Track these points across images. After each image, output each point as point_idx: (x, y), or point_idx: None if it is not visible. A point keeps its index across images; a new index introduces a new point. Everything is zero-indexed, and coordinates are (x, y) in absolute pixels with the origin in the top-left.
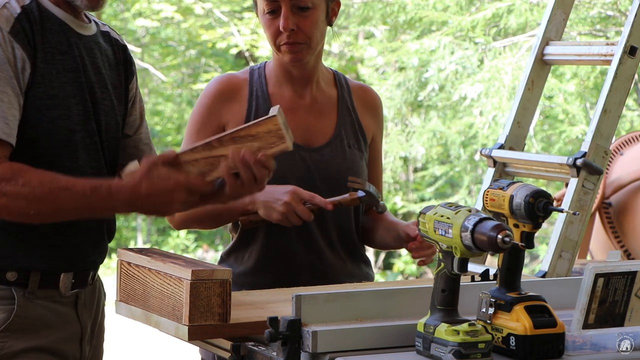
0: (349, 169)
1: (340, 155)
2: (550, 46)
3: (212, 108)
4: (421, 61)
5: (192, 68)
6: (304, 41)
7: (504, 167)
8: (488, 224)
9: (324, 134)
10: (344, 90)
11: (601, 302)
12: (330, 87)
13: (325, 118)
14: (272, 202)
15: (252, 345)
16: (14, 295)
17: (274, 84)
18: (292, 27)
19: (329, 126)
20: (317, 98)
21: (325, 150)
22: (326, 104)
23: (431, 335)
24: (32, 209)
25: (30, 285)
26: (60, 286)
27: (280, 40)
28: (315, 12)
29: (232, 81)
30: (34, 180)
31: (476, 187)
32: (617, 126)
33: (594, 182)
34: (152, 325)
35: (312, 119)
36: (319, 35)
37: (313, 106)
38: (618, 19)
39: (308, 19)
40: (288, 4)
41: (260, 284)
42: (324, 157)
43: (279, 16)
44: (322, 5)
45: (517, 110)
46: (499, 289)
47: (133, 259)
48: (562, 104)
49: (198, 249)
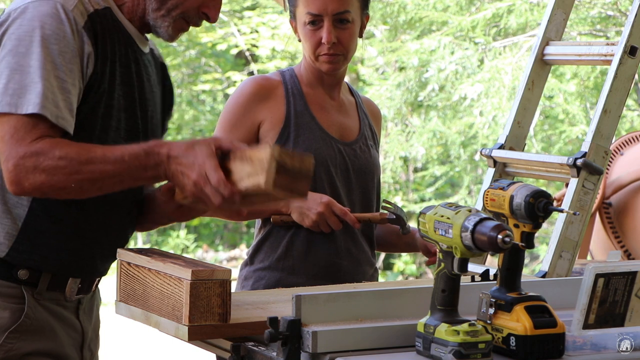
0: (374, 165)
1: (367, 152)
2: (550, 46)
3: (248, 107)
4: (421, 61)
5: (192, 68)
6: (342, 53)
7: (504, 167)
8: (488, 224)
9: (352, 132)
10: (357, 97)
11: (601, 303)
12: (348, 93)
13: (350, 118)
14: (306, 209)
15: (252, 345)
16: (24, 295)
17: (306, 84)
18: (334, 40)
19: (354, 126)
20: (343, 100)
21: (355, 146)
22: (349, 106)
23: (431, 335)
24: (72, 181)
25: (39, 286)
26: (67, 290)
27: (320, 51)
28: (353, 26)
29: (267, 81)
30: (71, 152)
31: (476, 187)
32: (617, 126)
33: (594, 182)
34: (152, 325)
35: (342, 118)
36: (354, 48)
37: (341, 107)
38: (618, 19)
39: (347, 32)
40: (331, 18)
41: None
42: (356, 152)
43: (320, 28)
44: (358, 19)
45: (517, 110)
46: (499, 289)
47: (133, 259)
48: (562, 104)
49: (198, 249)
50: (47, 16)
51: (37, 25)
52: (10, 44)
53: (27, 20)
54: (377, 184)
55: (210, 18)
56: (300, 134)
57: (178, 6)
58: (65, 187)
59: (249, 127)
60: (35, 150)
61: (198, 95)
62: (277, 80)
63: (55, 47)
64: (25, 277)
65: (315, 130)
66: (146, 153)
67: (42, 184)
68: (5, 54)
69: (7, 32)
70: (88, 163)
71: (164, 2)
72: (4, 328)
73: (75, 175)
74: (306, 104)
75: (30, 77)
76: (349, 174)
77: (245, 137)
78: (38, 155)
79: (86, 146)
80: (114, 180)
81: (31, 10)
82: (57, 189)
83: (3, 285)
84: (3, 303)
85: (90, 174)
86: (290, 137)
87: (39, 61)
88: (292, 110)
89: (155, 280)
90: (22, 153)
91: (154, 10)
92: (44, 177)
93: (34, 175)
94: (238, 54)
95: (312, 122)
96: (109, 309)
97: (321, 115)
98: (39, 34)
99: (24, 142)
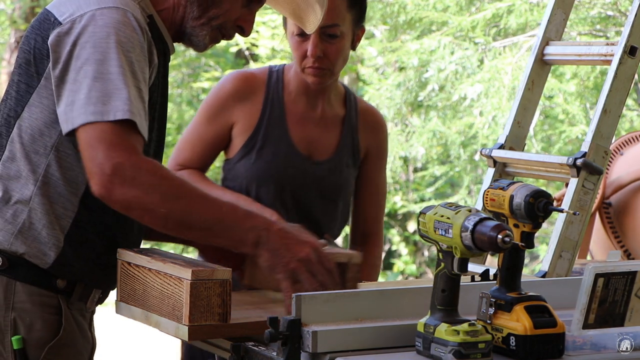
0: (343, 186)
1: (337, 173)
2: (550, 46)
3: (225, 104)
4: (421, 61)
5: (192, 68)
6: (328, 67)
7: (504, 167)
8: (488, 224)
9: (327, 149)
10: (352, 110)
11: (601, 302)
12: (339, 105)
13: (330, 133)
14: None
15: (252, 345)
16: (60, 305)
17: (290, 92)
18: (319, 54)
19: (332, 142)
20: (327, 112)
21: (325, 166)
22: (333, 119)
23: (431, 335)
24: (165, 207)
25: (73, 296)
26: (89, 301)
27: (305, 64)
28: (342, 41)
29: (250, 81)
30: (174, 178)
31: (476, 187)
32: (617, 126)
33: (594, 182)
34: (152, 325)
35: (319, 132)
36: (342, 62)
37: (321, 119)
38: (618, 19)
39: (334, 46)
40: (318, 31)
41: None
42: (324, 172)
43: (307, 40)
44: (349, 34)
45: (517, 110)
46: (499, 289)
47: (133, 259)
48: (562, 104)
49: None
50: (120, 24)
51: (112, 32)
52: (87, 53)
53: (99, 27)
54: (344, 203)
55: (244, 31)
56: (266, 146)
57: (219, 16)
58: (154, 210)
59: (222, 125)
60: (136, 162)
61: (198, 95)
62: (261, 79)
63: (131, 54)
64: (62, 285)
65: (282, 144)
66: (246, 213)
67: (133, 198)
68: (83, 62)
69: (78, 40)
70: (187, 196)
71: (206, 11)
72: (43, 342)
73: (170, 202)
74: (283, 113)
75: (114, 84)
76: (309, 193)
77: (218, 134)
78: (139, 169)
79: (189, 182)
80: (203, 225)
81: (102, 17)
82: (144, 209)
83: (42, 294)
84: (42, 314)
85: (185, 206)
86: (255, 147)
87: (119, 67)
88: (265, 119)
89: (156, 280)
90: (120, 161)
91: (194, 19)
92: (138, 192)
93: (129, 188)
94: (238, 54)
95: (283, 134)
96: (109, 309)
97: (296, 128)
98: (114, 40)
99: (118, 149)
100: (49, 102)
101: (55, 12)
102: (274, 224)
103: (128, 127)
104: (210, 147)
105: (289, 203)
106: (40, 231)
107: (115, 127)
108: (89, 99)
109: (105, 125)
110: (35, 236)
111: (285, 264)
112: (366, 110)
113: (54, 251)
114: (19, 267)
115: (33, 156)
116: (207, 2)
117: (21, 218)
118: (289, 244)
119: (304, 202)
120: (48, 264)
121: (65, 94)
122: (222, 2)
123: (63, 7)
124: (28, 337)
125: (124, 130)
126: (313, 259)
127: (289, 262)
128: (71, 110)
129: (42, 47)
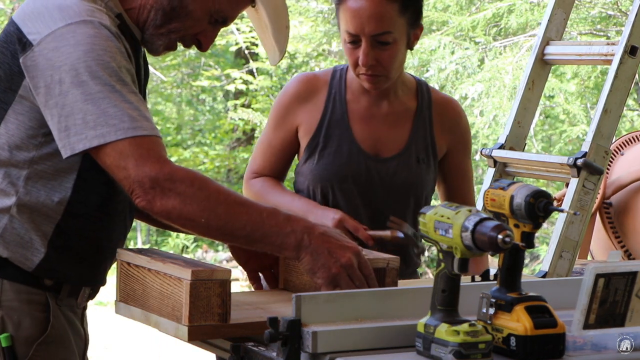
0: (414, 183)
1: (406, 169)
2: (550, 46)
3: (290, 107)
4: (421, 61)
5: (192, 68)
6: (382, 74)
7: (504, 167)
8: (488, 224)
9: (395, 145)
10: (424, 101)
11: (602, 303)
12: (410, 98)
13: (399, 129)
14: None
15: (252, 345)
16: (48, 302)
17: (353, 91)
18: (372, 63)
19: (401, 137)
20: (394, 108)
21: (392, 163)
22: (402, 114)
23: (431, 335)
24: (204, 216)
25: (61, 293)
26: (79, 297)
27: (359, 71)
28: (395, 46)
29: (312, 82)
30: (211, 186)
31: (476, 187)
32: (618, 126)
33: (594, 182)
34: (151, 325)
35: (386, 129)
36: (398, 65)
37: (388, 116)
38: (619, 19)
39: (387, 52)
40: (369, 39)
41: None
42: (390, 170)
43: (360, 47)
44: (403, 37)
45: (518, 110)
46: (499, 289)
47: (133, 259)
48: (563, 104)
49: (198, 249)
50: (92, 37)
51: (87, 49)
52: (69, 77)
53: (72, 46)
54: (416, 201)
55: (202, 47)
56: (328, 147)
57: (179, 30)
58: (194, 219)
59: (288, 129)
60: (169, 173)
61: (198, 95)
62: (324, 80)
63: (112, 64)
64: (50, 284)
65: (344, 143)
66: (287, 217)
67: (173, 209)
68: (68, 87)
69: (55, 64)
70: (224, 203)
71: (168, 22)
72: (32, 339)
73: (208, 211)
74: (345, 113)
75: (108, 101)
76: (375, 192)
77: (285, 139)
78: (174, 180)
79: (227, 189)
80: (244, 231)
81: (73, 36)
82: (185, 219)
83: (30, 292)
84: (30, 312)
85: (224, 214)
86: (317, 147)
87: (105, 85)
88: (326, 119)
89: (155, 280)
90: (153, 174)
91: (155, 26)
92: (177, 202)
93: (168, 200)
94: (237, 53)
95: (345, 133)
96: (108, 309)
97: (360, 126)
98: (91, 58)
99: (147, 162)
100: (25, 118)
101: (24, 28)
102: (315, 228)
103: (141, 137)
104: (280, 153)
105: (357, 202)
106: (22, 236)
107: (133, 141)
108: (86, 123)
109: (122, 143)
110: (18, 241)
111: (327, 269)
112: (441, 100)
113: (37, 256)
114: (5, 267)
115: (12, 170)
116: (172, 14)
117: (2, 224)
118: (331, 248)
119: (371, 200)
120: (32, 268)
121: (56, 119)
122: (187, 18)
123: (30, 22)
124: (16, 334)
125: (142, 142)
126: (354, 265)
127: (332, 267)
128: (67, 137)
129: (12, 62)
